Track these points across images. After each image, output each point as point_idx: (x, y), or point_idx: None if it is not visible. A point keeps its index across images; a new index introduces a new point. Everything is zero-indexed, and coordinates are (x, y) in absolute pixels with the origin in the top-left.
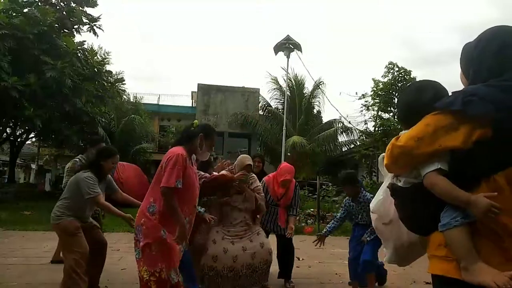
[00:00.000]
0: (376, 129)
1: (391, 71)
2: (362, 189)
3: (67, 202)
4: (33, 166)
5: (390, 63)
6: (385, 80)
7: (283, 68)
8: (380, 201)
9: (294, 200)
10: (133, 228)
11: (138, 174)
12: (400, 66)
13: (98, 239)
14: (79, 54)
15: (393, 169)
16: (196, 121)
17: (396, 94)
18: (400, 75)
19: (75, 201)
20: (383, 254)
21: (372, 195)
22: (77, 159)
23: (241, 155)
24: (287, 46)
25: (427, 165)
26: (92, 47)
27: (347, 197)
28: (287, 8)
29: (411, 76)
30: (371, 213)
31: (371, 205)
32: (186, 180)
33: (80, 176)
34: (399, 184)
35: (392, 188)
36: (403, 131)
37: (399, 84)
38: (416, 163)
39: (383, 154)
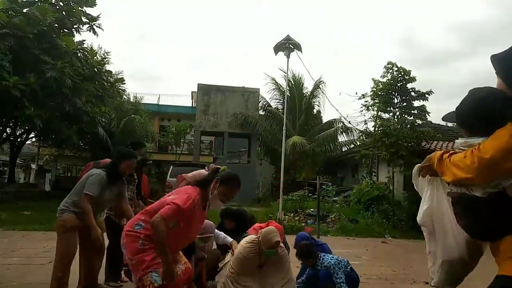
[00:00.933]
0: (376, 129)
1: (390, 71)
2: (319, 256)
3: (75, 198)
4: (33, 166)
5: (389, 63)
6: (384, 80)
7: (281, 70)
8: (427, 211)
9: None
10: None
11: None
12: (399, 66)
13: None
14: (79, 54)
15: (478, 180)
16: (224, 167)
17: (396, 94)
18: (399, 75)
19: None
20: None
21: (331, 258)
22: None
23: (267, 229)
24: (287, 46)
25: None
26: (92, 47)
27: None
28: (287, 8)
29: (411, 75)
30: (422, 228)
31: (418, 218)
32: (186, 223)
33: (91, 173)
34: (475, 193)
35: (460, 197)
36: (464, 139)
37: (399, 84)
38: (502, 174)
39: (418, 165)
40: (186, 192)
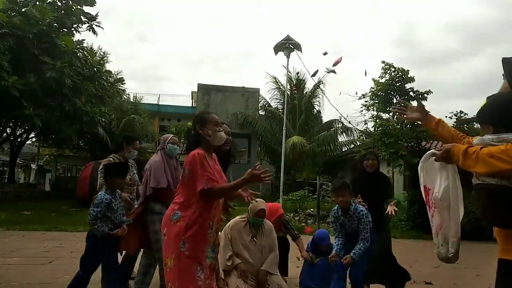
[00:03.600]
0: (376, 129)
1: (388, 71)
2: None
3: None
4: (33, 166)
5: (386, 64)
6: (383, 81)
7: (284, 67)
8: (446, 188)
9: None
10: None
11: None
12: (396, 67)
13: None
14: (78, 54)
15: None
16: (189, 123)
17: (395, 94)
18: (397, 75)
19: None
20: None
21: (362, 208)
22: (111, 158)
23: (256, 201)
24: (287, 46)
25: None
26: (91, 47)
27: (335, 209)
28: (287, 8)
29: (409, 75)
30: (439, 201)
31: (436, 193)
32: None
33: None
34: (505, 183)
35: (493, 188)
36: (496, 135)
37: (397, 84)
38: None
39: (432, 151)
40: (190, 156)
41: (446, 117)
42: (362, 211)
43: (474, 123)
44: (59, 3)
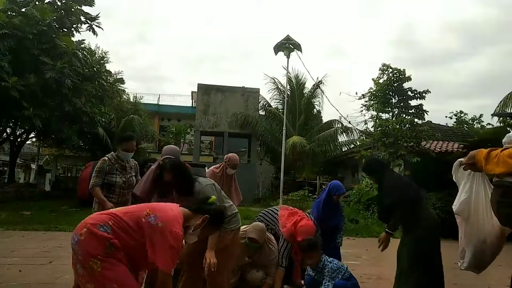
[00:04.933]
0: (375, 129)
1: (386, 72)
2: (322, 255)
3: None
4: (33, 166)
5: (384, 65)
6: (381, 81)
7: (284, 68)
8: (464, 201)
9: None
10: None
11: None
12: (393, 67)
13: None
14: (78, 54)
15: None
16: (213, 197)
17: (393, 94)
18: (394, 75)
19: None
20: None
21: (332, 261)
22: (107, 158)
23: (254, 224)
24: (287, 46)
25: None
26: (90, 47)
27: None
28: (287, 8)
29: (406, 75)
30: (456, 216)
31: (454, 206)
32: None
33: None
34: None
35: (505, 185)
36: None
37: (395, 84)
38: None
39: (460, 159)
40: (173, 222)
41: (446, 117)
42: (330, 267)
43: (474, 124)
44: (59, 3)
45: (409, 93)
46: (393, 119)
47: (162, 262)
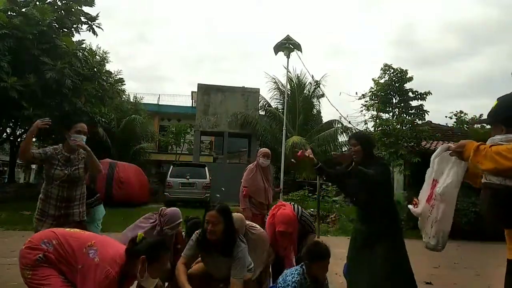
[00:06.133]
0: (376, 129)
1: (387, 72)
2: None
3: None
4: (33, 166)
5: (386, 65)
6: (382, 81)
7: (285, 67)
8: (450, 184)
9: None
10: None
11: (138, 174)
12: (395, 67)
13: None
14: (78, 54)
15: None
16: (141, 233)
17: (394, 95)
18: (396, 75)
19: None
20: None
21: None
22: (52, 147)
23: (235, 215)
24: (287, 46)
25: None
26: (91, 47)
27: (297, 278)
28: (287, 8)
29: (407, 76)
30: (439, 196)
31: (439, 189)
32: None
33: None
34: (509, 184)
35: (499, 188)
36: (505, 135)
37: (396, 85)
38: None
39: (448, 144)
40: (108, 264)
41: (446, 117)
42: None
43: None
44: (59, 3)
45: (410, 94)
46: (394, 119)
47: None
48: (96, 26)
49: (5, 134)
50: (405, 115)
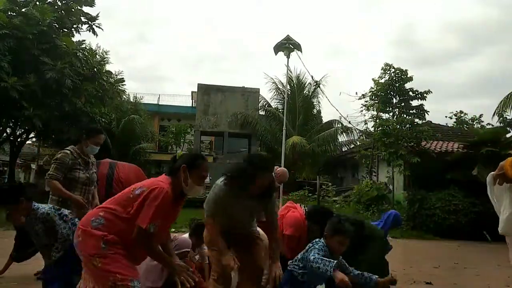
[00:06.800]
0: (376, 129)
1: (388, 72)
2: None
3: None
4: (33, 166)
5: (386, 64)
6: (382, 81)
7: (286, 65)
8: (507, 218)
9: None
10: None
11: (138, 174)
12: (396, 67)
13: None
14: (78, 54)
15: None
16: (180, 151)
17: (394, 94)
18: (396, 75)
19: None
20: None
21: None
22: (69, 151)
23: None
24: (287, 46)
25: None
26: (91, 47)
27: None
28: (287, 8)
29: (408, 75)
30: (506, 238)
31: (500, 228)
32: (162, 220)
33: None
34: None
35: None
36: None
37: (397, 85)
38: None
39: (492, 173)
40: (156, 184)
41: (446, 117)
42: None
43: (474, 124)
44: (59, 3)
45: (410, 93)
46: (394, 119)
47: (141, 217)
48: (96, 26)
49: (5, 134)
50: (405, 115)
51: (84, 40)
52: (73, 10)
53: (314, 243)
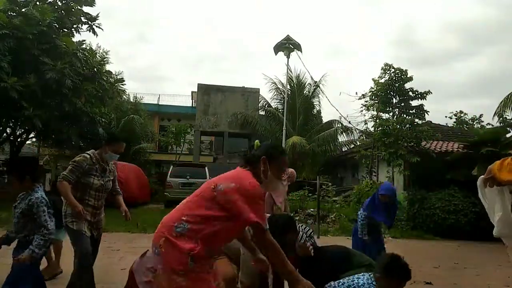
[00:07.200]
0: (376, 129)
1: (388, 72)
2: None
3: None
4: None
5: (386, 64)
6: (382, 81)
7: (286, 65)
8: (501, 221)
9: None
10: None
11: (138, 174)
12: (396, 67)
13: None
14: (78, 54)
15: None
16: (257, 141)
17: (394, 94)
18: (396, 75)
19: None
20: None
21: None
22: (88, 156)
23: None
24: (287, 46)
25: None
26: (91, 47)
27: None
28: (287, 8)
29: (407, 75)
30: (502, 239)
31: (494, 231)
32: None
33: None
34: None
35: None
36: None
37: (396, 85)
38: None
39: (482, 177)
40: (245, 177)
41: (446, 117)
42: None
43: (474, 124)
44: (59, 3)
45: (410, 93)
46: (394, 119)
47: (255, 214)
48: (96, 26)
49: (5, 134)
50: (405, 115)
51: (84, 40)
52: (73, 10)
53: (358, 278)
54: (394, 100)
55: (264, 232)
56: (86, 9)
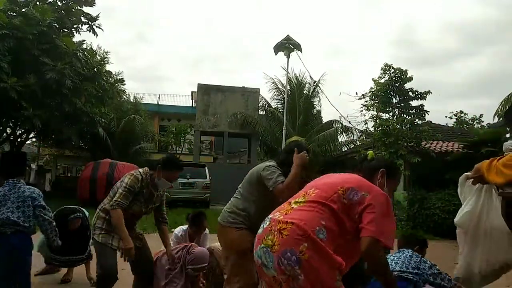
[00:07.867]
0: (376, 129)
1: (388, 72)
2: None
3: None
4: (33, 166)
5: (386, 64)
6: (382, 81)
7: (283, 68)
8: (466, 214)
9: None
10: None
11: None
12: (395, 67)
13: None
14: (78, 54)
15: None
16: (371, 151)
17: (394, 95)
18: (396, 75)
19: None
20: None
21: None
22: (140, 177)
23: None
24: (287, 46)
25: None
26: (91, 47)
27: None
28: (287, 8)
29: (407, 76)
30: (457, 228)
31: (456, 219)
32: None
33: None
34: None
35: (508, 197)
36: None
37: (396, 85)
38: None
39: (466, 174)
40: (381, 191)
41: (446, 117)
42: None
43: (474, 124)
44: (59, 3)
45: (410, 93)
46: (394, 119)
47: (378, 230)
48: (96, 26)
49: (5, 134)
50: (405, 115)
51: (84, 40)
52: (73, 10)
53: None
54: (394, 100)
55: (376, 250)
56: (86, 9)
